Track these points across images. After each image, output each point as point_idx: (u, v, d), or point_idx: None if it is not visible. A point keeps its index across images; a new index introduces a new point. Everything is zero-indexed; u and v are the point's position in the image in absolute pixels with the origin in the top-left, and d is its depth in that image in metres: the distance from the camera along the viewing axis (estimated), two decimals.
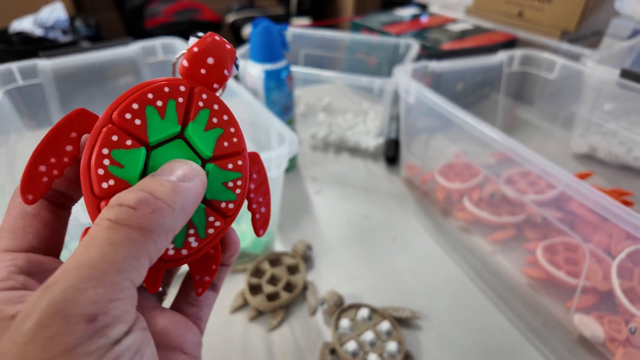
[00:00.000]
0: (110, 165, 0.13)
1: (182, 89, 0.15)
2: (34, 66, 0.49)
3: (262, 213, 0.17)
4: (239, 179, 0.15)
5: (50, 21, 1.31)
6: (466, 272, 0.39)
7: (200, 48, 0.15)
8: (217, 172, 0.15)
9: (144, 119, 0.14)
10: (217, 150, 0.15)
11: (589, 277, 0.34)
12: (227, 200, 0.15)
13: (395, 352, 0.30)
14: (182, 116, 0.15)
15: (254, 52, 0.44)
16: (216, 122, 0.15)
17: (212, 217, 0.15)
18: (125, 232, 0.11)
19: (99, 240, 0.11)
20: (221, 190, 0.15)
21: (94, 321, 0.10)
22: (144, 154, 0.14)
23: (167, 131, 0.14)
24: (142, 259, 0.11)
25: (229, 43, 0.15)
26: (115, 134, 0.14)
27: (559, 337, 0.33)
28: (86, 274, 0.10)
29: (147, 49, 0.54)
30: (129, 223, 0.11)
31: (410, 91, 0.43)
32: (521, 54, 0.53)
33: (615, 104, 0.51)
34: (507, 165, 0.46)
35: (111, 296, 0.10)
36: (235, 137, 0.15)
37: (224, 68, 0.15)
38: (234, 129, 0.15)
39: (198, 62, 0.15)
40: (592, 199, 0.28)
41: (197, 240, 0.15)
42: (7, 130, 0.48)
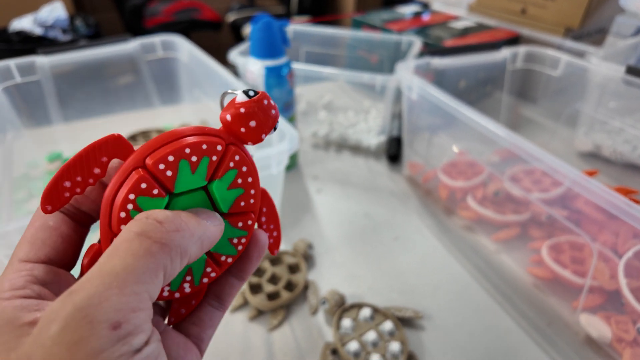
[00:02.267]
0: (133, 210, 0.14)
1: (219, 148, 0.15)
2: (32, 63, 0.48)
3: (275, 237, 0.19)
4: (244, 237, 0.16)
5: (50, 20, 1.30)
6: (470, 272, 0.38)
7: (246, 110, 0.15)
8: (226, 228, 0.16)
9: (176, 171, 0.14)
10: (232, 209, 0.16)
11: (595, 276, 0.33)
12: (228, 255, 0.16)
13: (398, 352, 0.30)
14: (211, 173, 0.15)
15: (254, 48, 0.43)
16: (240, 183, 0.16)
17: (209, 267, 0.16)
18: (148, 244, 0.12)
19: (122, 251, 0.11)
20: (225, 244, 0.16)
21: (118, 328, 0.10)
22: (166, 202, 0.15)
23: (194, 185, 0.15)
24: (159, 273, 0.12)
25: (275, 108, 0.16)
26: (144, 182, 0.14)
27: (565, 337, 0.33)
28: (109, 282, 0.11)
29: (146, 46, 0.54)
30: (152, 235, 0.12)
31: (413, 88, 0.43)
32: (525, 51, 0.53)
33: (620, 102, 0.51)
34: (511, 163, 0.45)
35: (133, 305, 0.11)
36: (253, 199, 0.16)
37: (263, 132, 0.16)
38: (254, 191, 0.16)
39: (241, 122, 0.15)
40: (600, 196, 0.27)
41: (190, 287, 0.16)
42: (4, 128, 0.47)
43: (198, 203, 0.15)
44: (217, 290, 0.17)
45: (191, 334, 0.16)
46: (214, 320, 0.17)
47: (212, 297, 0.17)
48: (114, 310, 0.10)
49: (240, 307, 0.34)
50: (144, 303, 0.11)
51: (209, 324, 0.17)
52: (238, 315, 0.34)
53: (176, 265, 0.12)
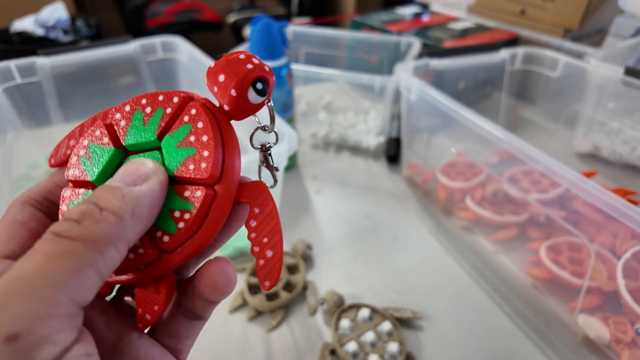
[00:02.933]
0: (83, 156, 0.14)
1: (175, 100, 0.14)
2: (32, 64, 0.49)
3: (268, 258, 0.14)
4: (187, 212, 0.13)
5: (52, 21, 1.31)
6: (468, 272, 0.38)
7: (215, 64, 0.13)
8: (169, 196, 0.13)
9: (129, 121, 0.14)
10: (179, 171, 0.13)
11: (593, 277, 0.33)
12: (165, 231, 0.13)
13: (396, 353, 0.30)
14: (163, 127, 0.14)
15: (253, 49, 0.43)
16: (192, 141, 0.13)
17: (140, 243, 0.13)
18: (67, 245, 0.10)
19: (38, 253, 0.10)
20: (165, 217, 0.13)
21: (15, 340, 0.09)
22: (111, 155, 0.14)
23: (142, 139, 0.14)
24: (87, 271, 0.10)
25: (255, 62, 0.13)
26: (99, 129, 0.14)
27: (563, 338, 0.33)
28: (14, 288, 0.09)
29: (146, 47, 0.54)
30: (71, 235, 0.11)
31: (412, 89, 0.43)
32: (524, 52, 0.53)
33: (619, 103, 0.51)
34: (509, 164, 0.45)
35: (40, 313, 0.09)
36: (205, 163, 0.13)
37: (232, 88, 0.13)
38: (208, 153, 0.13)
39: (211, 80, 0.14)
40: (598, 197, 0.28)
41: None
42: (5, 128, 0.47)
43: None
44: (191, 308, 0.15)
45: (168, 345, 0.15)
46: (191, 331, 0.15)
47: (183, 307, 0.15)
48: (12, 320, 0.09)
49: (239, 307, 0.34)
50: (58, 309, 0.10)
51: (187, 335, 0.15)
52: (237, 316, 0.34)
53: (112, 255, 0.11)
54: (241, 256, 0.39)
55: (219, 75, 0.13)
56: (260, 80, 0.13)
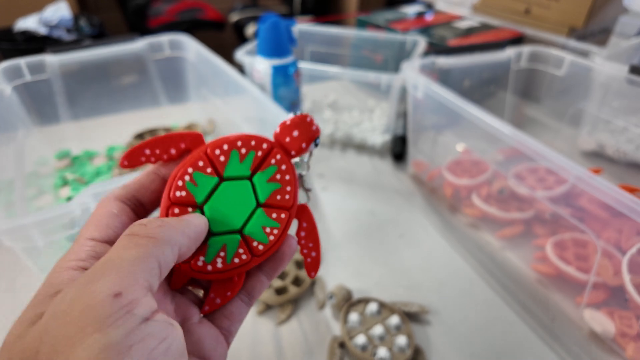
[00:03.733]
0: (189, 181, 0.17)
1: (265, 146, 0.18)
2: (41, 61, 0.49)
3: (313, 257, 0.20)
4: (276, 229, 0.18)
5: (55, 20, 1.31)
6: (474, 268, 0.39)
7: (291, 122, 0.19)
8: (261, 216, 0.18)
9: (227, 158, 0.18)
10: (269, 200, 0.18)
11: (599, 272, 0.34)
12: (260, 241, 0.18)
13: (404, 346, 0.30)
14: (256, 165, 0.18)
15: (261, 47, 0.44)
16: (278, 179, 0.18)
17: (242, 249, 0.18)
18: (136, 240, 0.14)
19: (116, 247, 0.14)
20: (259, 231, 0.18)
21: (119, 296, 0.12)
22: (216, 182, 0.18)
23: (240, 172, 0.18)
24: (150, 259, 0.13)
25: (315, 125, 0.19)
26: (202, 161, 0.18)
27: (569, 332, 0.33)
28: (108, 266, 0.13)
29: (153, 45, 0.55)
30: (138, 233, 0.14)
31: (419, 86, 0.43)
32: (529, 50, 0.53)
33: (623, 101, 0.51)
34: (515, 162, 0.46)
35: (130, 281, 0.12)
36: (288, 195, 0.18)
37: (303, 142, 0.19)
38: (290, 188, 0.18)
39: (286, 132, 0.19)
40: (605, 193, 0.28)
41: (222, 264, 0.17)
42: (15, 126, 0.48)
43: (241, 190, 0.18)
44: (248, 287, 0.19)
45: (222, 326, 0.18)
46: (242, 315, 0.18)
47: (243, 292, 0.19)
48: (113, 284, 0.12)
49: None
50: (138, 281, 0.13)
51: (238, 318, 0.18)
52: None
53: (167, 252, 0.14)
54: None
55: (294, 131, 0.18)
56: (318, 137, 0.19)
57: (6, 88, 0.46)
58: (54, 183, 0.48)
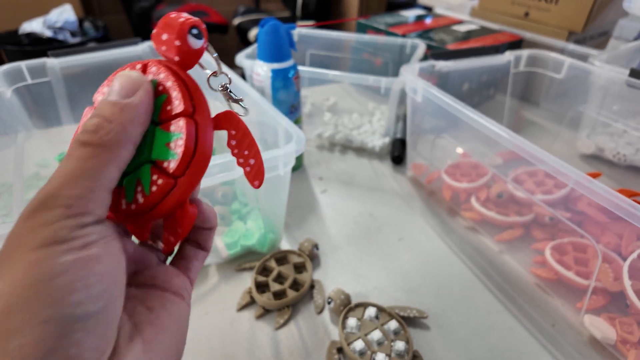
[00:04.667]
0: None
1: (138, 67, 0.17)
2: (43, 64, 0.49)
3: (252, 165, 0.18)
4: (179, 139, 0.16)
5: (60, 23, 1.32)
6: (474, 272, 0.39)
7: (155, 28, 0.17)
8: (160, 135, 0.17)
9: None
10: (161, 115, 0.17)
11: (599, 277, 0.33)
12: (169, 159, 0.16)
13: (403, 351, 0.30)
14: None
15: (261, 51, 0.44)
16: (161, 89, 0.17)
17: (155, 175, 0.16)
18: (91, 150, 0.14)
19: (72, 157, 0.14)
20: (164, 150, 0.16)
21: (70, 207, 0.13)
22: None
23: None
24: (109, 166, 0.14)
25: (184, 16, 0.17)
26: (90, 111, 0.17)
27: (569, 338, 0.33)
28: (64, 180, 0.13)
29: (155, 49, 0.55)
30: (92, 142, 0.14)
31: (418, 90, 0.43)
32: (528, 54, 0.53)
33: (623, 104, 0.51)
34: (514, 165, 0.46)
35: (83, 194, 0.13)
36: (178, 100, 0.16)
37: (175, 40, 0.16)
38: (176, 93, 0.16)
39: (158, 42, 0.17)
40: (604, 197, 0.28)
41: (143, 197, 0.16)
42: (15, 128, 0.48)
43: None
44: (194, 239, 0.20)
45: (179, 266, 0.19)
46: (197, 255, 0.20)
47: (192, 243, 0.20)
48: (67, 198, 0.13)
49: (247, 305, 0.35)
50: (95, 193, 0.14)
51: (194, 257, 0.20)
52: (244, 314, 0.34)
53: (125, 154, 0.15)
54: (249, 254, 0.39)
55: (162, 35, 0.16)
56: (194, 27, 0.17)
57: (6, 91, 0.47)
58: None
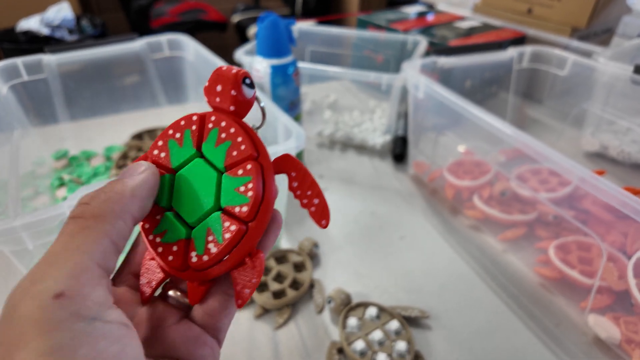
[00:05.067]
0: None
1: (194, 118, 0.17)
2: (39, 61, 0.49)
3: (316, 205, 0.18)
4: (250, 182, 0.16)
5: (57, 20, 1.31)
6: (476, 271, 0.38)
7: (209, 82, 0.17)
8: (229, 181, 0.16)
9: (167, 151, 0.17)
10: (227, 161, 0.17)
11: (604, 276, 0.33)
12: (241, 204, 0.16)
13: (404, 351, 0.30)
14: (196, 140, 0.17)
15: (260, 46, 0.43)
16: (224, 137, 0.17)
17: (227, 222, 0.16)
18: (83, 222, 0.13)
19: (62, 234, 0.13)
20: (234, 196, 0.16)
21: (62, 297, 0.11)
22: (169, 179, 0.17)
23: (185, 155, 0.17)
24: (103, 240, 0.13)
25: (235, 68, 0.17)
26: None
27: (573, 338, 0.32)
28: (50, 261, 0.12)
29: (153, 45, 0.54)
30: (84, 215, 0.13)
31: (420, 86, 0.43)
32: (532, 50, 0.53)
33: (627, 101, 0.50)
34: (517, 163, 0.45)
35: (74, 274, 0.12)
36: (243, 145, 0.17)
37: (230, 90, 0.17)
38: (241, 138, 0.17)
39: (211, 93, 0.17)
40: (610, 194, 0.27)
41: (216, 246, 0.16)
42: (11, 126, 0.48)
43: (199, 169, 0.17)
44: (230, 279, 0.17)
45: (206, 325, 0.16)
46: (228, 310, 0.17)
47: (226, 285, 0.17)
48: (56, 282, 0.11)
49: (246, 305, 0.34)
50: (87, 271, 0.12)
51: (223, 311, 0.17)
52: (244, 314, 0.34)
53: (121, 226, 0.13)
54: None
55: (216, 87, 0.17)
56: (246, 77, 0.17)
57: (2, 88, 0.46)
58: (50, 183, 0.47)
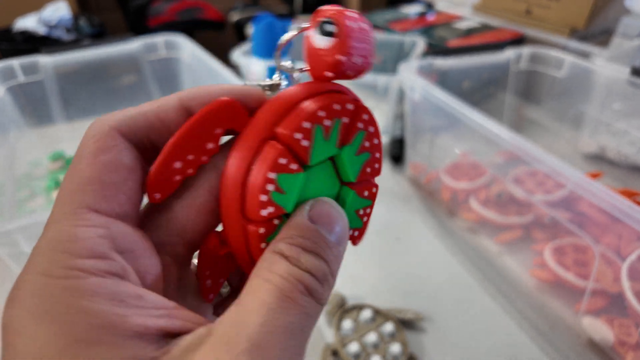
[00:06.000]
0: (274, 191, 0.12)
1: (349, 107, 0.13)
2: (35, 63, 0.49)
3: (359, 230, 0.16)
4: (369, 207, 0.14)
5: (54, 20, 1.31)
6: (472, 274, 0.38)
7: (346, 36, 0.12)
8: (355, 200, 0.14)
9: (311, 139, 0.12)
10: (360, 176, 0.14)
11: (598, 279, 0.33)
12: (354, 228, 0.14)
13: (398, 354, 0.30)
14: (343, 137, 0.13)
15: (257, 48, 0.43)
16: (367, 147, 0.14)
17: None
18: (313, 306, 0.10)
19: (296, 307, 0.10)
20: (353, 218, 0.14)
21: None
22: (303, 180, 0.12)
23: (327, 153, 0.13)
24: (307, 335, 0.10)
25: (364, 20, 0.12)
26: (283, 157, 0.12)
27: (567, 340, 0.33)
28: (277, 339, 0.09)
29: (149, 46, 0.54)
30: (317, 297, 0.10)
31: (416, 88, 0.43)
32: (529, 52, 0.53)
33: (625, 103, 0.50)
34: (514, 165, 0.45)
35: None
36: (377, 164, 0.14)
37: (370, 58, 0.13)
38: (379, 155, 0.14)
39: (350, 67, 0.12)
40: (603, 199, 0.27)
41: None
42: (7, 127, 0.48)
43: (324, 176, 0.13)
44: None
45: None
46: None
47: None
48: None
49: None
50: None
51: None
52: None
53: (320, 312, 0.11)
54: None
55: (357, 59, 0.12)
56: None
57: None
58: (46, 185, 0.47)
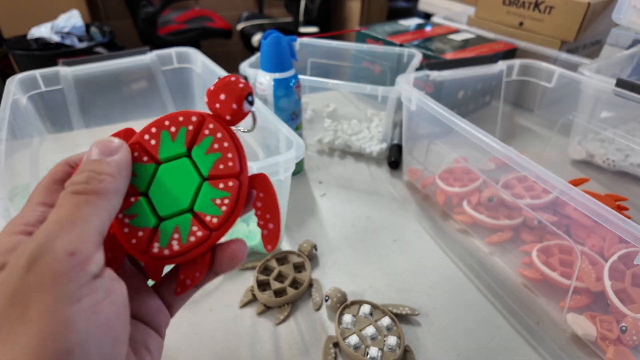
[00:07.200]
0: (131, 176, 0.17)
1: (194, 119, 0.18)
2: (56, 73, 0.52)
3: (270, 229, 0.19)
4: (227, 198, 0.17)
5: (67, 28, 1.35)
6: (464, 272, 0.40)
7: (215, 87, 0.18)
8: (209, 190, 0.18)
9: (158, 140, 0.18)
10: (212, 171, 0.18)
11: (582, 278, 0.35)
12: (212, 215, 0.17)
13: (395, 346, 0.32)
14: (190, 141, 0.18)
15: (264, 62, 0.46)
16: (217, 148, 0.18)
17: (195, 227, 0.17)
18: (85, 198, 0.15)
19: (66, 205, 0.15)
20: (209, 205, 0.17)
21: (74, 255, 0.13)
22: (154, 168, 0.18)
23: (175, 151, 0.18)
24: (102, 213, 0.15)
25: (243, 82, 0.18)
26: (136, 151, 0.18)
27: (552, 335, 0.35)
28: (61, 225, 0.14)
29: (162, 57, 0.57)
30: (86, 192, 0.15)
31: (412, 99, 0.45)
32: (520, 64, 0.55)
33: (612, 112, 0.53)
34: (506, 170, 0.48)
35: (83, 239, 0.14)
36: (232, 162, 0.18)
37: (232, 103, 0.18)
38: (231, 155, 0.18)
39: (213, 98, 0.18)
40: (584, 205, 0.29)
41: (179, 245, 0.18)
42: (31, 133, 0.51)
43: (182, 169, 0.18)
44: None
45: (165, 300, 0.20)
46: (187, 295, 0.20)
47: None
48: (68, 243, 0.13)
49: (249, 302, 0.37)
50: (91, 237, 0.14)
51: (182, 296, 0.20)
52: (247, 311, 0.36)
53: (115, 202, 0.16)
54: (251, 255, 0.41)
55: (220, 95, 0.18)
56: (250, 94, 0.18)
57: (22, 98, 0.49)
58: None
